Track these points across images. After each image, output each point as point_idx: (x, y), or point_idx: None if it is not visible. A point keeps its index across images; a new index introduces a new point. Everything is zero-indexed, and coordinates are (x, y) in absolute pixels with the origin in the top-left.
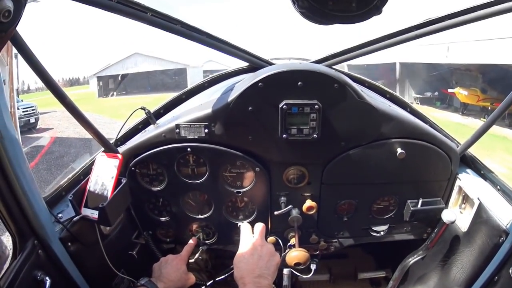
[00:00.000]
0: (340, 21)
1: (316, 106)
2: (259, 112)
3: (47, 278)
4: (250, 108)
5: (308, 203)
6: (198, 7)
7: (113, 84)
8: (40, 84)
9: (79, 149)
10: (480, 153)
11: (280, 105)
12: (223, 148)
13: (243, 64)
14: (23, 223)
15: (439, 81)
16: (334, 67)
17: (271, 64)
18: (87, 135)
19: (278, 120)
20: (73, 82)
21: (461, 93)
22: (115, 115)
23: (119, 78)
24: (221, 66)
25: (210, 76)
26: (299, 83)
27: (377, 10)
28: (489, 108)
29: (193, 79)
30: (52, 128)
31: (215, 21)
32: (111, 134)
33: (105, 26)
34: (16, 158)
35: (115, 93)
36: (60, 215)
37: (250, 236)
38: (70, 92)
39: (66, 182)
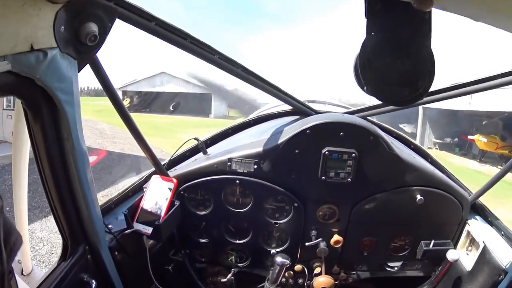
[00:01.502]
0: (395, 104)
1: (353, 154)
2: (304, 155)
3: (93, 281)
4: (296, 151)
5: (336, 237)
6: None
7: (137, 100)
8: None
9: (100, 160)
10: (494, 201)
11: (323, 151)
12: (268, 184)
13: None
14: (78, 229)
15: (460, 127)
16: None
17: (312, 110)
18: (107, 147)
19: (319, 164)
20: (98, 93)
21: (480, 140)
22: None
23: (146, 96)
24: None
25: (256, 115)
26: (341, 133)
27: (421, 96)
28: (507, 156)
29: (217, 106)
30: None
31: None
32: (128, 150)
33: (136, 40)
34: (83, 169)
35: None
36: (109, 226)
37: None
38: (95, 102)
39: (116, 197)
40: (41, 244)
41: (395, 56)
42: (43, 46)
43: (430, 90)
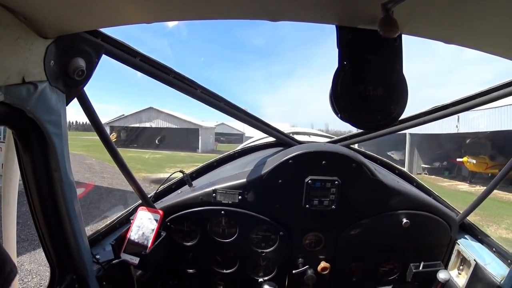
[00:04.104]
0: (369, 129)
1: (336, 182)
2: (287, 185)
3: None
4: (279, 181)
5: (323, 264)
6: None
7: (125, 135)
8: None
9: (89, 194)
10: (486, 220)
11: (306, 180)
12: (253, 213)
13: (257, 132)
14: (66, 258)
15: (448, 150)
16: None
17: (295, 140)
18: (96, 182)
19: (303, 193)
20: (86, 128)
21: (469, 162)
22: None
23: (133, 131)
24: (232, 130)
25: (240, 147)
26: (323, 161)
27: (395, 120)
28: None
29: (205, 140)
30: None
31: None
32: (117, 185)
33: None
34: (71, 200)
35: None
36: (97, 256)
37: None
38: (83, 137)
39: (104, 228)
40: (30, 276)
41: (367, 82)
42: (33, 79)
43: (411, 114)
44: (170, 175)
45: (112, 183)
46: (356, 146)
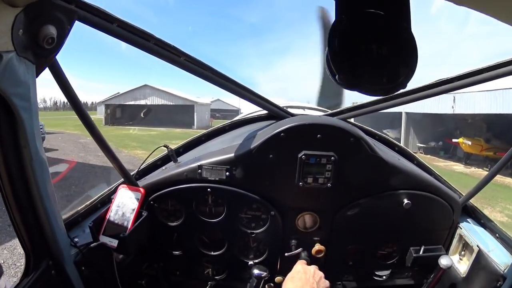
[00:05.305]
0: (373, 94)
1: (332, 157)
2: (279, 160)
3: None
4: (270, 156)
5: (317, 246)
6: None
7: (120, 113)
8: (48, 103)
9: (83, 173)
10: (481, 202)
11: (299, 155)
12: (242, 191)
13: (253, 107)
14: (40, 243)
15: (444, 131)
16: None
17: (288, 113)
18: (90, 161)
19: (296, 169)
20: None
21: (465, 143)
22: (120, 145)
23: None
24: (227, 106)
25: (230, 120)
26: (318, 135)
27: (402, 85)
28: (492, 157)
29: (200, 117)
30: (57, 150)
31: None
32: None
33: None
34: (43, 180)
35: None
36: (76, 239)
37: (303, 264)
38: (77, 117)
39: (84, 209)
40: (22, 260)
41: (370, 40)
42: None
43: (413, 87)
44: (154, 151)
45: (106, 161)
46: (352, 121)
